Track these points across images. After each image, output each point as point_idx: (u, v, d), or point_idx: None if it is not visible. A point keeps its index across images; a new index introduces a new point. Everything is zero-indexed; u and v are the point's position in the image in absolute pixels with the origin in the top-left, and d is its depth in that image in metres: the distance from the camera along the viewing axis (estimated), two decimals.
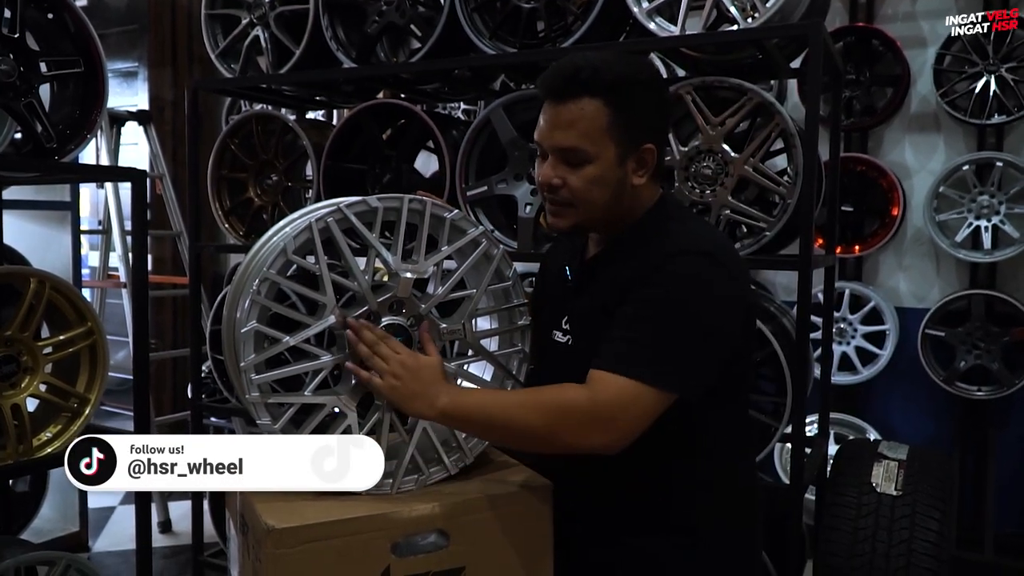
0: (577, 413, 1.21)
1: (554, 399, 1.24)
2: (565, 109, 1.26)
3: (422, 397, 1.28)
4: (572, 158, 1.28)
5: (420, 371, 1.30)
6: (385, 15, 2.56)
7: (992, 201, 3.39)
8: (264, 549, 1.18)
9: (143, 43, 5.79)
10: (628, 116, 1.27)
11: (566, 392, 1.24)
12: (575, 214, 1.33)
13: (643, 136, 1.30)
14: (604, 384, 1.21)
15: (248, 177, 2.91)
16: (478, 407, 1.28)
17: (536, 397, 1.27)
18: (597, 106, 1.25)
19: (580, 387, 1.23)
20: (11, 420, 2.09)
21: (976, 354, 3.42)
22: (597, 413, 1.21)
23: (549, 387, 1.27)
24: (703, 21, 2.15)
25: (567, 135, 1.27)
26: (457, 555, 1.28)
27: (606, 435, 1.21)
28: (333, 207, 1.33)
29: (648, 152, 1.31)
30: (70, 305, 2.22)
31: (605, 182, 1.29)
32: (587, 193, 1.29)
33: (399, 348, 1.31)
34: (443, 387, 1.30)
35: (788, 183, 2.08)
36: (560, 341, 1.43)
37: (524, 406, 1.26)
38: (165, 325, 5.48)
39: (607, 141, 1.27)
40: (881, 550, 2.15)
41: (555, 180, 1.30)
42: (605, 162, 1.28)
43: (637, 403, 1.20)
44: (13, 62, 2.10)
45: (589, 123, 1.25)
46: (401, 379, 1.28)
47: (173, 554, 3.67)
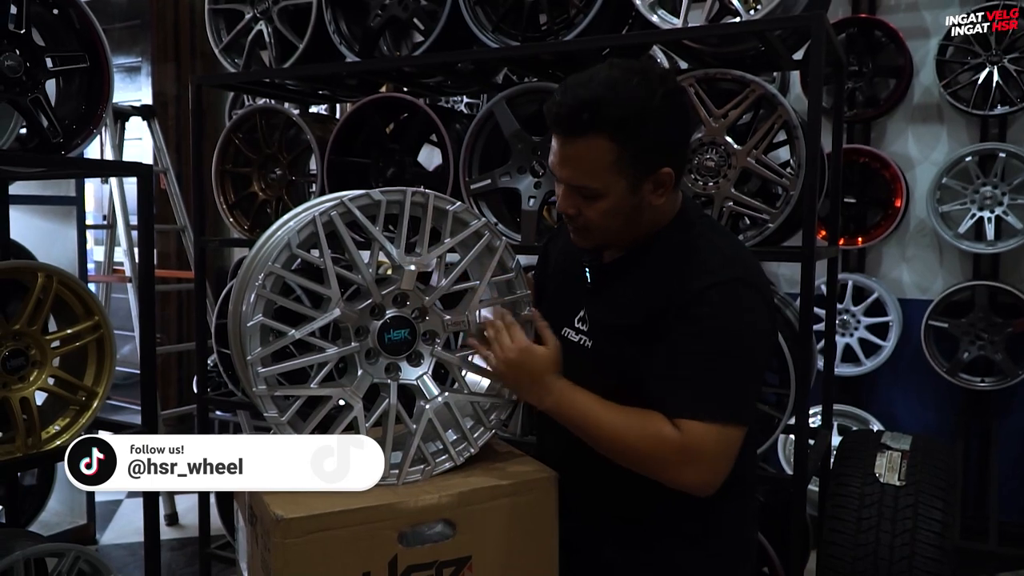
0: (670, 451, 1.23)
1: (653, 435, 1.25)
2: (571, 146, 1.25)
3: (531, 388, 1.34)
4: (583, 193, 1.28)
5: (532, 362, 1.34)
6: (388, 9, 2.57)
7: (995, 192, 3.39)
8: (273, 539, 1.20)
9: (146, 38, 5.79)
10: (637, 147, 1.23)
11: (658, 426, 1.25)
12: (595, 238, 1.36)
13: (657, 161, 1.26)
14: (689, 428, 1.22)
15: (252, 171, 2.92)
16: (581, 415, 1.31)
17: (637, 427, 1.26)
18: (602, 143, 1.22)
19: (670, 427, 1.24)
20: (19, 413, 2.11)
21: (979, 345, 3.43)
22: (687, 455, 1.23)
23: (647, 416, 1.26)
24: (705, 13, 2.15)
25: (573, 173, 1.27)
26: (463, 544, 1.30)
27: (698, 476, 1.25)
28: (336, 201, 1.34)
29: (665, 175, 1.28)
30: (77, 299, 2.23)
31: (619, 212, 1.29)
32: (602, 222, 1.31)
33: (521, 338, 1.35)
34: (553, 383, 1.33)
35: (791, 175, 2.09)
36: (574, 340, 1.43)
37: (625, 428, 1.27)
38: (170, 319, 5.50)
39: (615, 176, 1.25)
40: (885, 540, 2.16)
41: (570, 210, 1.32)
42: (616, 195, 1.27)
43: (721, 443, 1.24)
44: (19, 58, 2.10)
45: (593, 162, 1.24)
46: (514, 367, 1.33)
47: (180, 546, 3.69)
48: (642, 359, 1.30)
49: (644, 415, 1.27)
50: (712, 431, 1.22)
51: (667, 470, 1.25)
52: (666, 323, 1.27)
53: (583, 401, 1.31)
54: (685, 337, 1.25)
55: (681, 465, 1.24)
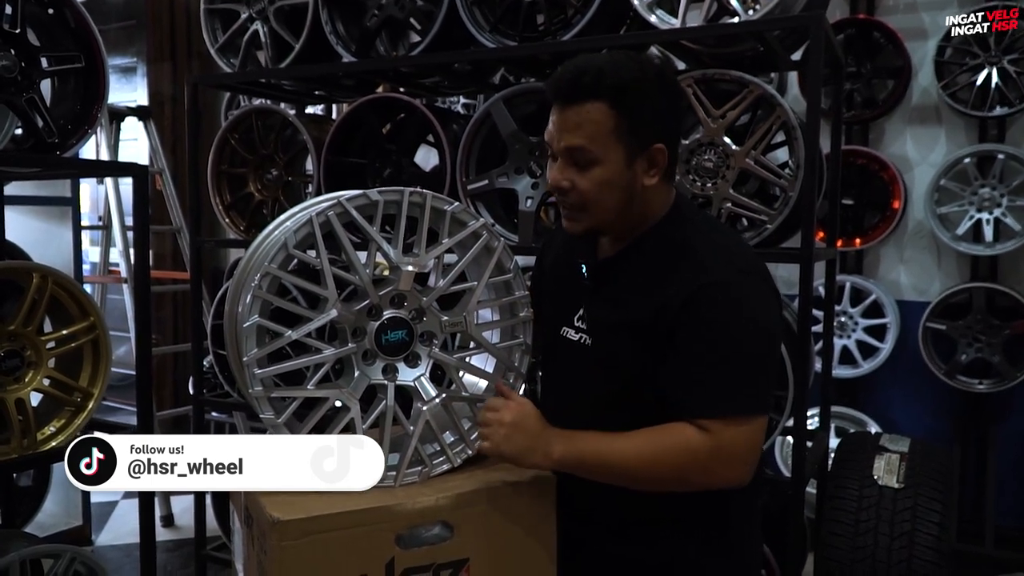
0: (703, 457, 1.22)
1: (675, 445, 1.23)
2: (571, 112, 1.27)
3: (534, 450, 1.28)
4: (579, 159, 1.28)
5: (525, 422, 1.30)
6: (384, 9, 2.56)
7: (993, 194, 3.39)
8: (269, 541, 1.19)
9: (142, 39, 5.78)
10: (634, 118, 1.26)
11: (683, 435, 1.23)
12: (587, 218, 1.33)
13: (652, 137, 1.28)
14: (718, 428, 1.21)
15: (248, 172, 2.91)
16: (595, 455, 1.27)
17: (654, 444, 1.24)
18: (602, 109, 1.25)
19: (696, 431, 1.22)
20: (15, 414, 2.10)
21: (977, 347, 3.43)
22: (722, 455, 1.22)
23: (660, 431, 1.25)
24: (704, 14, 2.14)
25: (573, 136, 1.27)
26: (461, 547, 1.29)
27: (734, 471, 1.24)
28: (333, 201, 1.33)
29: (658, 152, 1.30)
30: (72, 300, 2.22)
31: (614, 184, 1.29)
32: (596, 195, 1.29)
33: (497, 405, 1.32)
34: (552, 435, 1.29)
35: (789, 176, 2.08)
36: (574, 339, 1.42)
37: (645, 455, 1.24)
38: (166, 320, 5.49)
39: (613, 143, 1.26)
40: (883, 543, 2.16)
41: (564, 183, 1.30)
42: (612, 164, 1.27)
43: (751, 435, 1.24)
44: (14, 57, 2.10)
45: (594, 126, 1.25)
46: (508, 438, 1.29)
47: (176, 548, 3.68)
48: (642, 355, 1.29)
49: (659, 432, 1.25)
50: (741, 426, 1.22)
51: (704, 475, 1.24)
52: (669, 320, 1.26)
53: (592, 439, 1.28)
54: (696, 336, 1.25)
55: (717, 466, 1.23)
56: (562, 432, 1.30)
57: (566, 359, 1.40)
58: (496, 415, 1.31)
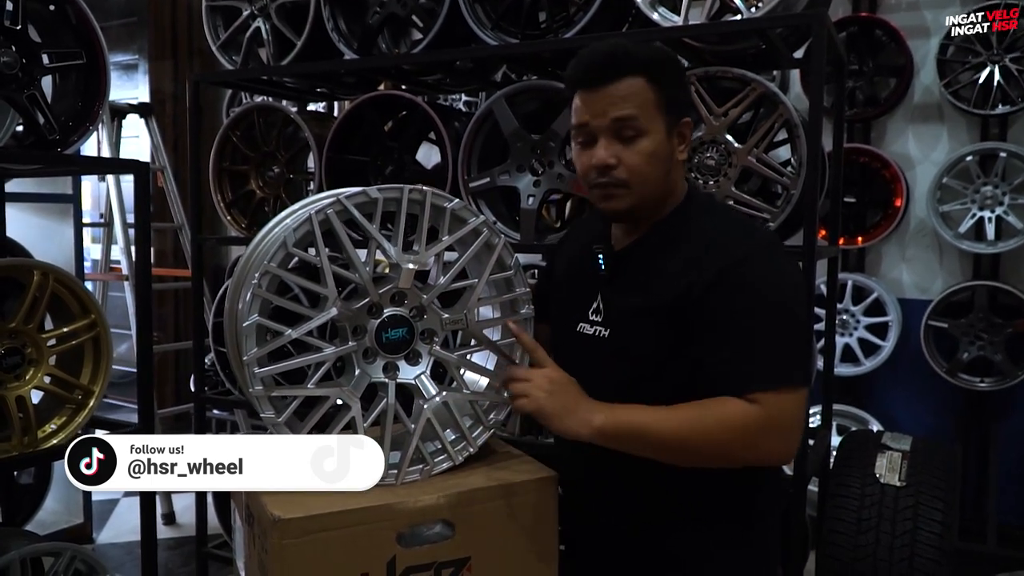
0: (754, 429, 1.19)
1: (725, 417, 1.20)
2: (614, 87, 1.27)
3: (575, 413, 1.23)
4: (628, 131, 1.28)
5: (568, 385, 1.26)
6: (386, 6, 2.55)
7: (995, 192, 3.38)
8: (270, 539, 1.19)
9: (143, 36, 5.78)
10: (668, 91, 1.29)
11: (733, 408, 1.20)
12: (630, 195, 1.31)
13: (681, 110, 1.32)
14: (768, 400, 1.19)
15: (250, 169, 2.91)
16: (640, 426, 1.22)
17: (700, 417, 1.21)
18: (641, 84, 1.27)
19: (744, 404, 1.19)
20: (16, 412, 2.10)
21: (979, 345, 3.42)
22: (772, 427, 1.20)
23: (705, 405, 1.21)
24: (706, 11, 2.14)
25: (622, 108, 1.27)
26: (462, 545, 1.29)
27: (784, 445, 1.23)
28: (333, 198, 1.33)
29: (686, 126, 1.33)
30: (73, 297, 2.22)
31: (659, 156, 1.29)
32: (644, 167, 1.29)
33: (546, 357, 1.29)
34: (594, 403, 1.25)
35: (791, 174, 2.08)
36: (589, 333, 1.40)
37: (693, 426, 1.20)
38: (167, 318, 5.49)
39: (656, 115, 1.28)
40: (885, 541, 2.15)
41: (611, 159, 1.29)
42: (657, 136, 1.29)
43: (799, 407, 1.23)
44: (15, 54, 2.09)
45: (641, 97, 1.27)
46: (552, 394, 1.24)
47: (177, 545, 3.68)
48: (663, 339, 1.28)
49: (705, 405, 1.21)
50: (789, 397, 1.21)
51: (752, 449, 1.21)
52: (698, 301, 1.24)
53: (635, 411, 1.23)
54: (733, 311, 1.23)
55: (767, 440, 1.21)
56: (602, 402, 1.25)
57: (581, 354, 1.38)
58: (536, 372, 1.27)
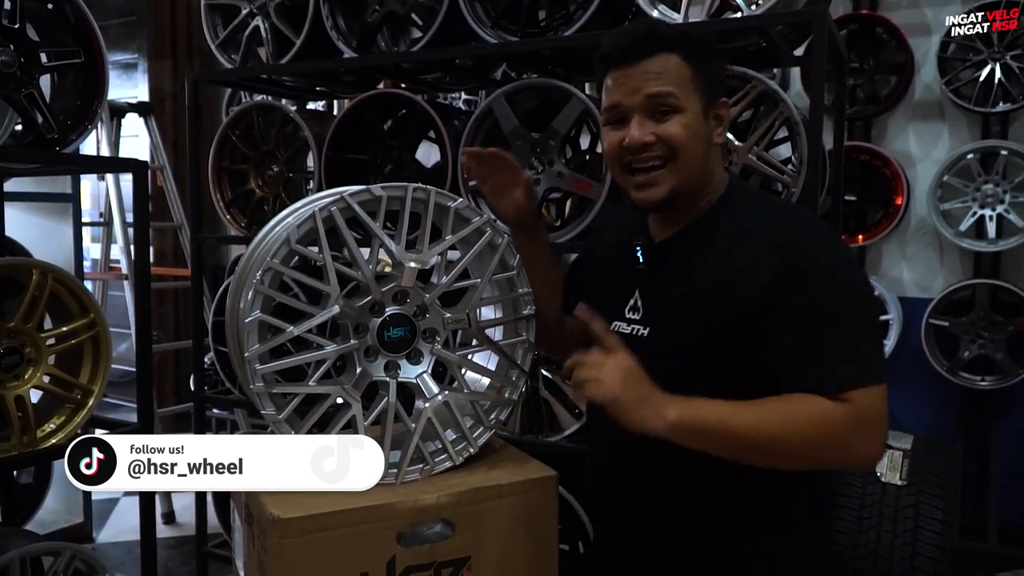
0: (846, 430, 1.13)
1: (812, 417, 1.13)
2: (649, 64, 1.24)
3: (650, 404, 1.14)
4: (663, 107, 1.23)
5: (642, 375, 1.16)
6: (385, 4, 2.55)
7: (996, 190, 3.38)
8: (269, 539, 1.18)
9: (142, 35, 5.78)
10: (705, 69, 1.26)
11: (821, 406, 1.13)
12: (671, 177, 1.25)
13: (718, 90, 1.29)
14: (858, 398, 1.13)
15: (249, 168, 2.90)
16: (719, 422, 1.13)
17: (786, 415, 1.13)
18: (677, 61, 1.24)
19: (832, 402, 1.12)
20: (15, 411, 2.09)
21: (980, 344, 3.42)
22: (864, 427, 1.14)
23: (788, 402, 1.14)
24: (706, 8, 2.13)
25: (657, 84, 1.23)
26: (462, 545, 1.28)
27: (874, 445, 1.17)
28: (336, 196, 1.32)
29: (723, 107, 1.30)
30: (72, 297, 2.21)
31: (697, 133, 1.25)
32: (685, 141, 1.24)
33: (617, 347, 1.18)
34: (667, 396, 1.15)
35: (792, 172, 2.07)
36: (627, 332, 1.33)
37: (776, 426, 1.13)
38: (167, 317, 5.48)
39: (692, 93, 1.24)
40: (886, 540, 2.15)
41: (648, 137, 1.24)
42: (693, 114, 1.24)
43: (884, 404, 1.16)
44: (14, 53, 2.09)
45: (676, 74, 1.23)
46: (626, 382, 1.14)
47: (177, 545, 3.68)
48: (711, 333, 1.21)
49: (789, 402, 1.14)
50: (876, 394, 1.14)
51: (841, 448, 1.15)
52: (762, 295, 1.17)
53: (712, 405, 1.14)
54: (809, 304, 1.16)
55: (858, 439, 1.14)
56: (672, 395, 1.16)
57: None
58: (610, 358, 1.16)
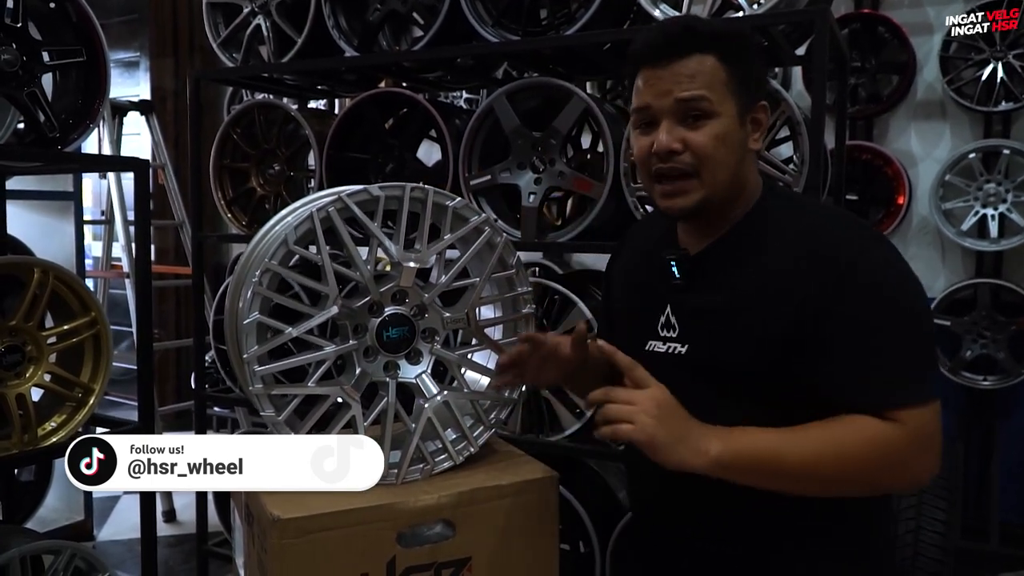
0: (901, 451, 1.08)
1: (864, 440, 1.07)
2: (681, 65, 1.15)
3: (687, 441, 1.06)
4: (694, 111, 1.15)
5: (677, 408, 1.08)
6: (387, 3, 2.55)
7: (999, 189, 3.37)
8: (269, 539, 1.18)
9: (144, 33, 5.78)
10: (743, 71, 1.17)
11: (873, 429, 1.07)
12: (699, 187, 1.17)
13: (757, 93, 1.20)
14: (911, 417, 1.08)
15: (250, 167, 2.90)
16: (766, 454, 1.07)
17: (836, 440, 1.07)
18: (712, 62, 1.15)
19: (883, 423, 1.07)
20: (16, 410, 2.09)
21: (982, 343, 3.41)
22: (918, 447, 1.09)
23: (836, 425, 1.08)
24: (707, 7, 2.13)
25: (690, 87, 1.14)
26: (463, 545, 1.28)
27: (930, 463, 1.10)
28: (334, 196, 1.32)
29: (762, 110, 1.21)
30: (74, 295, 2.21)
31: (730, 141, 1.16)
32: (714, 152, 1.15)
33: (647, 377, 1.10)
34: (706, 428, 1.08)
35: (794, 171, 2.07)
36: (662, 351, 1.24)
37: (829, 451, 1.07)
38: (168, 315, 5.49)
39: (728, 96, 1.16)
40: None
41: (676, 144, 1.15)
42: (727, 119, 1.16)
43: (937, 419, 1.11)
44: (16, 51, 2.09)
45: (710, 77, 1.15)
46: (660, 420, 1.06)
47: (178, 543, 3.68)
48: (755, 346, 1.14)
49: (837, 426, 1.08)
50: (929, 412, 1.09)
51: (900, 472, 1.10)
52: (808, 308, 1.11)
53: (756, 436, 1.08)
54: (861, 318, 1.09)
55: (913, 460, 1.09)
56: (712, 427, 1.09)
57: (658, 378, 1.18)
58: (640, 395, 1.08)
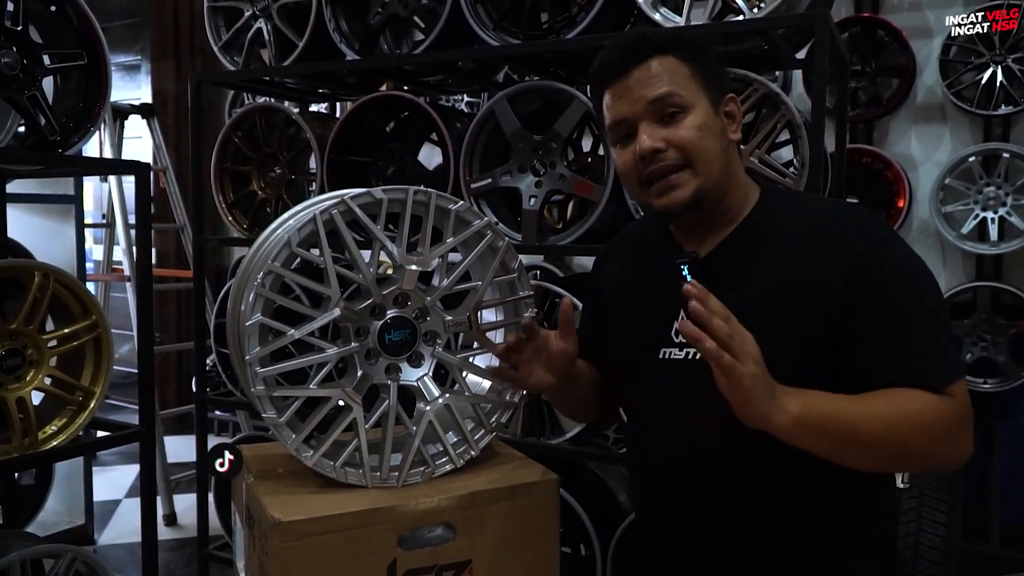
0: (955, 424, 1.09)
1: (926, 411, 1.07)
2: (643, 70, 1.18)
3: (774, 396, 1.02)
4: (669, 108, 1.17)
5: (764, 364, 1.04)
6: (388, 6, 2.55)
7: (998, 192, 3.38)
8: (270, 542, 1.18)
9: (145, 36, 5.79)
10: (705, 66, 1.20)
11: (929, 401, 1.08)
12: (693, 176, 1.18)
13: (724, 85, 1.23)
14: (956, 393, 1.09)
15: (251, 170, 2.91)
16: (838, 417, 1.05)
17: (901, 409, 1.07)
18: (672, 61, 1.18)
19: (937, 398, 1.08)
20: (16, 413, 2.09)
21: (982, 346, 3.41)
22: (967, 421, 1.10)
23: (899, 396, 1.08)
24: (708, 11, 2.13)
25: (658, 85, 1.17)
26: (464, 548, 1.28)
27: (970, 441, 1.11)
28: (337, 199, 1.32)
29: (732, 102, 1.23)
30: (74, 298, 2.21)
31: (712, 131, 1.18)
32: (699, 142, 1.17)
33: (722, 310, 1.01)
34: (779, 387, 1.04)
35: (794, 175, 2.07)
36: (679, 357, 1.23)
37: (892, 416, 1.06)
38: (169, 318, 5.49)
39: (696, 88, 1.18)
40: None
41: (658, 144, 1.17)
42: (702, 110, 1.18)
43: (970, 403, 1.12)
44: (16, 55, 2.09)
45: (675, 73, 1.18)
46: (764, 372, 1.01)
47: (179, 547, 3.68)
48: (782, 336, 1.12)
49: (900, 397, 1.08)
50: (964, 388, 1.11)
51: (954, 445, 1.10)
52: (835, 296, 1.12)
53: (825, 397, 1.06)
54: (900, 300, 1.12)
55: (962, 436, 1.10)
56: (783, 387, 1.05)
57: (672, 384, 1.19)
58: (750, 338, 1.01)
